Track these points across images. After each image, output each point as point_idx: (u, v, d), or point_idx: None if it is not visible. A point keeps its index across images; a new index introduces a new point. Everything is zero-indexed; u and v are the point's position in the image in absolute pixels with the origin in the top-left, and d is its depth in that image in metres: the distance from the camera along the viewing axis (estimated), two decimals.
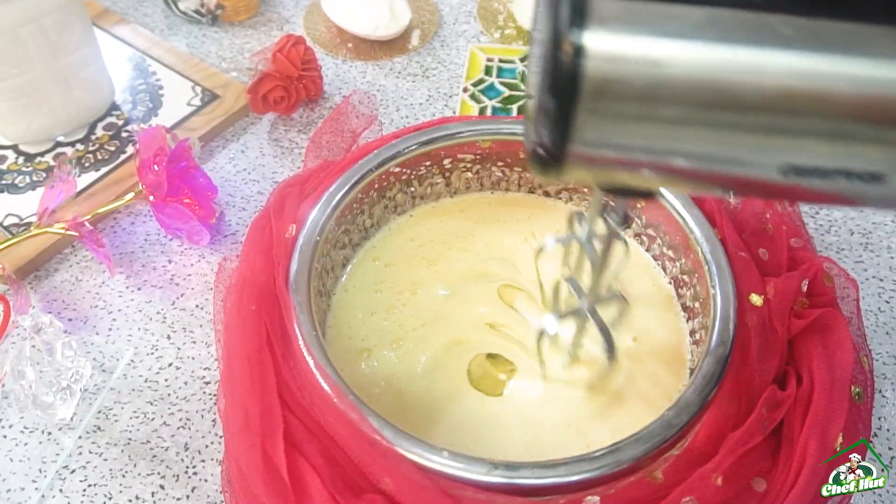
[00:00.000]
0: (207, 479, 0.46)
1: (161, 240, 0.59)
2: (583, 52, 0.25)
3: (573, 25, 0.25)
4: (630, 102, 0.26)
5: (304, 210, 0.50)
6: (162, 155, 0.55)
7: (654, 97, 0.26)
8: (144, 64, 0.73)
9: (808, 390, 0.42)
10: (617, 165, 0.28)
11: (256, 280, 0.46)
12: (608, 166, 0.29)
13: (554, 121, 0.26)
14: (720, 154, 0.28)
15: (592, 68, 0.25)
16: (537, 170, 0.29)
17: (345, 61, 0.75)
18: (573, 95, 0.26)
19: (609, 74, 0.25)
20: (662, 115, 0.26)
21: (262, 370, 0.42)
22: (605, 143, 0.27)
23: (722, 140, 0.27)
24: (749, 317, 0.45)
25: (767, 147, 0.27)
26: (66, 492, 0.46)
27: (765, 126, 0.27)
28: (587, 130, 0.27)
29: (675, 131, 0.27)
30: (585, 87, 0.25)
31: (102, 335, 0.53)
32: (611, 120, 0.26)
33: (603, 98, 0.26)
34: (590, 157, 0.28)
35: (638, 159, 0.28)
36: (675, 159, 0.28)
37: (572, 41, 0.25)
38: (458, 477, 0.38)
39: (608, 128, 0.27)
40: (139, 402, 0.50)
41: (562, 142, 0.27)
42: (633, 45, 0.25)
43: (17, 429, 0.49)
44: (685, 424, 0.40)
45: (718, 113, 0.26)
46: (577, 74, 0.25)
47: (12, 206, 0.60)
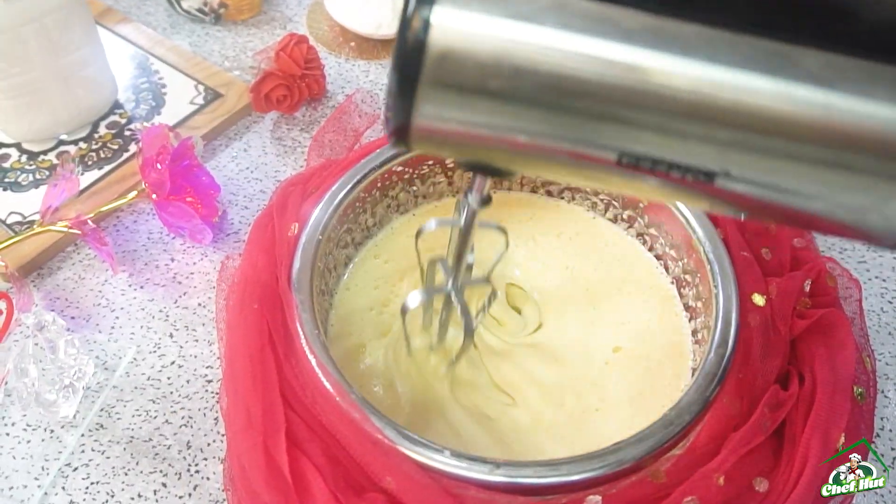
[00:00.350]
0: (209, 478, 0.46)
1: (164, 238, 0.59)
2: (428, 26, 0.26)
3: (423, 2, 0.26)
4: (469, 75, 0.27)
5: (306, 209, 0.50)
6: (165, 153, 0.55)
7: (492, 72, 0.27)
8: (147, 62, 0.73)
9: (811, 390, 0.42)
10: (461, 140, 0.29)
11: (259, 278, 0.46)
12: (452, 141, 0.29)
13: (399, 93, 0.27)
14: (554, 134, 0.28)
15: (436, 40, 0.26)
16: (391, 142, 0.30)
17: (347, 60, 0.75)
18: (416, 68, 0.27)
19: (451, 45, 0.26)
20: (498, 89, 0.27)
21: (264, 369, 0.42)
22: (446, 117, 0.28)
23: (556, 122, 0.28)
24: (751, 316, 0.45)
25: (602, 132, 0.28)
26: (68, 489, 0.46)
27: (597, 113, 0.27)
28: (429, 104, 0.28)
29: (511, 108, 0.28)
30: (427, 59, 0.26)
31: (105, 333, 0.54)
32: (451, 93, 0.27)
33: (443, 70, 0.27)
34: (432, 129, 0.29)
35: (479, 134, 0.29)
36: (511, 134, 0.28)
37: (421, 16, 0.26)
38: (460, 476, 0.38)
39: (448, 101, 0.28)
40: (142, 400, 0.50)
41: (406, 114, 0.28)
42: (478, 21, 0.26)
43: (19, 426, 0.49)
44: (687, 424, 0.40)
45: (551, 95, 0.27)
46: (421, 46, 0.26)
47: (15, 205, 0.60)
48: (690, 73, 0.26)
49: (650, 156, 0.28)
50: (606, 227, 0.56)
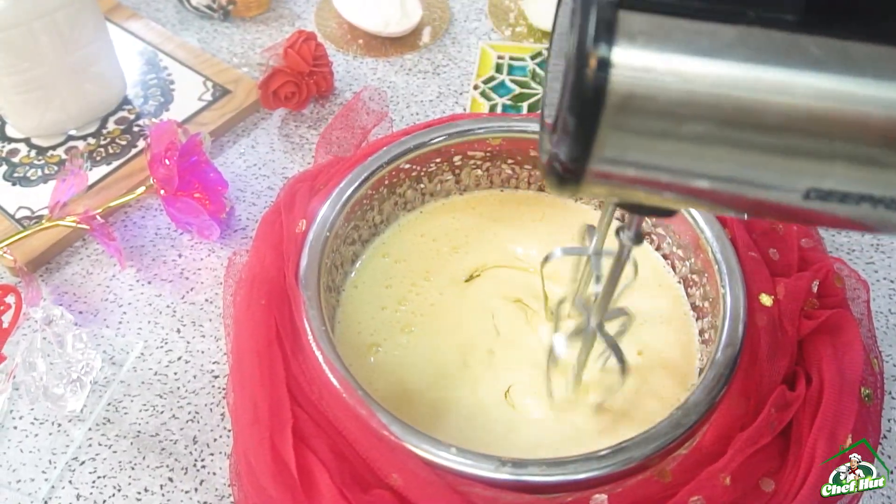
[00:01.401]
0: (216, 473, 0.46)
1: (171, 234, 0.60)
2: (608, 67, 0.24)
3: (600, 40, 0.24)
4: (654, 119, 0.25)
5: (314, 206, 0.50)
6: (173, 149, 0.56)
7: (679, 114, 0.25)
8: (156, 59, 0.73)
9: (818, 391, 0.42)
10: (637, 184, 0.28)
11: (266, 275, 0.46)
12: (627, 184, 0.28)
13: (575, 136, 0.26)
14: (743, 176, 0.27)
15: (617, 83, 0.25)
16: (553, 183, 0.28)
17: (355, 58, 0.75)
18: (596, 111, 0.25)
19: (634, 89, 0.25)
20: (686, 133, 0.26)
21: (271, 365, 0.42)
22: (626, 161, 0.27)
23: (746, 161, 0.26)
24: (759, 317, 0.45)
25: (793, 170, 0.26)
26: (75, 483, 0.46)
27: (791, 148, 0.26)
28: (608, 147, 0.26)
29: (698, 151, 0.26)
30: (609, 103, 0.25)
31: (112, 328, 0.54)
32: (633, 137, 0.26)
33: (626, 114, 0.25)
34: (609, 174, 0.27)
35: (658, 179, 0.27)
36: (696, 180, 0.27)
37: (599, 56, 0.24)
38: (466, 473, 0.38)
39: (630, 145, 0.26)
40: (149, 395, 0.50)
41: (582, 158, 0.26)
42: (660, 60, 0.25)
43: (27, 420, 0.49)
44: (694, 424, 0.40)
45: (744, 133, 0.26)
46: (601, 89, 0.25)
47: (24, 199, 0.61)
48: (886, 97, 0.25)
49: (840, 191, 0.27)
50: (614, 225, 0.56)
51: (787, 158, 0.26)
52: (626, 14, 0.25)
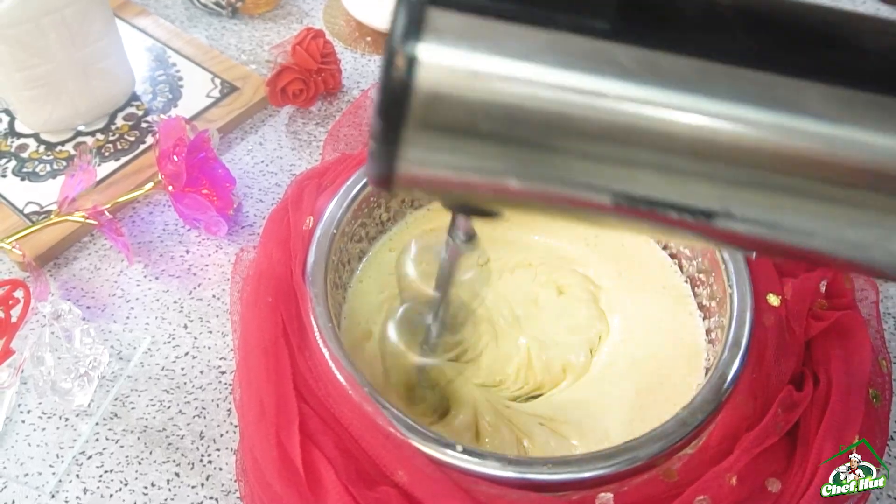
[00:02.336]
0: (222, 468, 0.47)
1: (179, 230, 0.60)
2: (414, 64, 0.24)
3: (408, 37, 0.24)
4: (459, 117, 0.25)
5: (321, 203, 0.50)
6: (181, 145, 0.56)
7: (486, 115, 0.25)
8: (164, 55, 0.73)
9: (825, 392, 0.42)
10: (446, 184, 0.28)
11: (273, 271, 0.47)
12: (438, 185, 0.28)
13: (384, 137, 0.26)
14: (550, 178, 0.27)
15: (423, 80, 0.24)
16: (372, 184, 0.28)
17: (363, 55, 0.75)
18: (402, 109, 0.25)
19: (440, 87, 0.25)
20: (492, 133, 0.26)
21: (278, 361, 0.43)
22: (434, 161, 0.27)
23: (552, 164, 0.26)
24: (766, 317, 0.45)
25: (598, 174, 0.26)
26: (82, 477, 0.46)
27: (596, 154, 0.26)
28: (416, 148, 0.26)
29: (502, 150, 0.26)
30: (415, 100, 0.25)
31: (120, 323, 0.54)
32: (439, 136, 0.26)
33: (432, 112, 0.25)
34: (418, 175, 0.27)
35: (466, 178, 0.27)
36: (503, 179, 0.27)
37: (406, 53, 0.24)
38: (471, 471, 0.38)
39: (437, 145, 0.26)
40: (156, 390, 0.50)
41: (391, 159, 0.26)
42: (468, 60, 0.25)
43: (35, 414, 0.49)
44: (700, 423, 0.40)
45: (550, 137, 0.26)
46: (407, 85, 0.24)
47: (33, 194, 0.61)
48: (689, 108, 0.25)
49: (647, 197, 0.27)
50: None
51: (591, 163, 0.26)
52: (436, 12, 0.25)
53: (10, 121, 0.67)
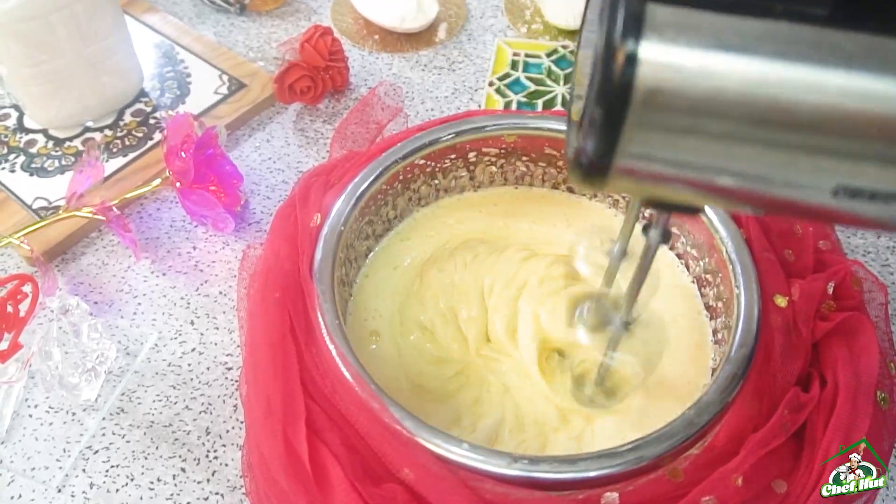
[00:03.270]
0: (228, 464, 0.47)
1: (186, 226, 0.60)
2: (635, 62, 0.24)
3: (628, 34, 0.24)
4: (680, 115, 0.25)
5: (328, 200, 0.50)
6: (189, 142, 0.56)
7: (707, 111, 0.25)
8: (173, 52, 0.73)
9: (832, 394, 0.41)
10: (662, 180, 0.28)
11: (281, 268, 0.47)
12: (653, 180, 0.28)
13: (601, 131, 0.26)
14: (772, 174, 0.27)
15: (644, 78, 0.24)
16: (578, 178, 0.28)
17: (371, 53, 0.75)
18: (623, 106, 0.25)
19: (661, 85, 0.25)
20: (712, 130, 0.25)
21: (285, 357, 0.43)
22: (652, 156, 0.27)
23: (774, 160, 0.26)
24: (773, 318, 0.45)
25: (822, 168, 0.26)
26: (88, 472, 0.47)
27: (821, 147, 0.26)
28: (634, 143, 0.26)
29: (725, 148, 0.26)
30: (636, 98, 0.25)
31: (127, 319, 0.54)
32: (660, 133, 0.26)
33: (653, 109, 0.25)
34: (635, 169, 0.27)
35: (684, 175, 0.27)
36: (723, 178, 0.27)
37: (627, 51, 0.24)
38: (477, 469, 0.38)
39: (656, 141, 0.26)
40: (162, 385, 0.50)
41: (608, 153, 0.26)
42: (687, 56, 0.24)
43: (42, 408, 0.50)
44: (706, 424, 0.40)
45: (772, 131, 0.25)
46: (628, 85, 0.24)
47: (41, 190, 0.61)
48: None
49: (872, 189, 0.26)
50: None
51: (816, 157, 0.26)
52: (654, 7, 0.24)
53: (19, 116, 0.67)
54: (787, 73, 0.25)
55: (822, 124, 0.25)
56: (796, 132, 0.25)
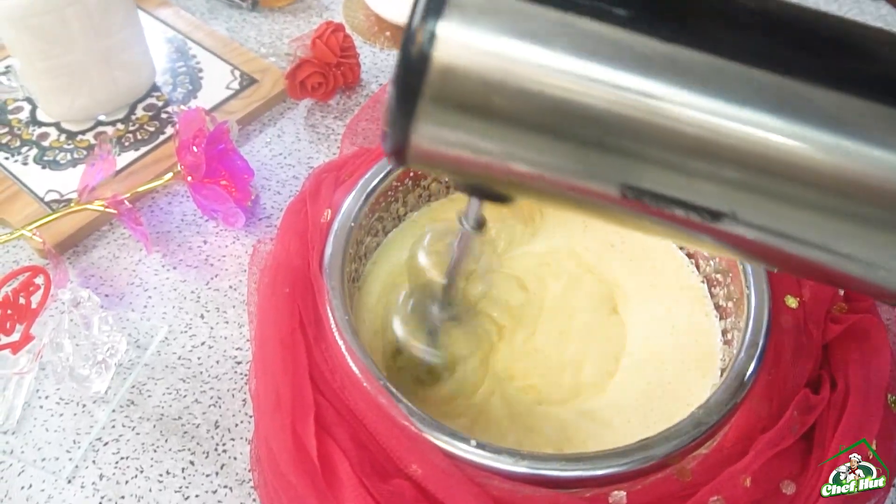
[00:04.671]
0: (237, 458, 0.47)
1: (197, 220, 0.60)
2: (434, 39, 0.25)
3: (430, 13, 0.25)
4: (473, 96, 0.26)
5: (339, 196, 0.51)
6: (201, 136, 0.56)
7: (498, 94, 0.25)
8: (185, 47, 0.74)
9: (843, 395, 0.41)
10: (456, 161, 0.28)
11: (291, 263, 0.47)
12: (449, 162, 0.28)
13: (398, 107, 0.26)
14: (558, 164, 0.27)
15: (440, 56, 0.25)
16: (387, 157, 0.29)
17: (382, 50, 0.75)
18: (419, 82, 0.25)
19: (456, 63, 0.25)
20: (504, 114, 0.26)
21: (294, 352, 0.43)
22: (446, 136, 0.27)
23: (560, 150, 0.26)
24: (783, 319, 0.44)
25: (605, 164, 0.26)
26: (98, 463, 0.47)
27: (604, 143, 0.26)
28: (429, 121, 0.26)
29: (517, 134, 0.26)
30: (431, 75, 0.25)
31: (138, 312, 0.54)
32: (453, 113, 0.26)
33: (447, 88, 0.26)
34: (430, 149, 0.28)
35: (478, 159, 0.28)
36: (514, 164, 0.27)
37: (427, 28, 0.25)
38: (485, 466, 0.38)
39: (449, 120, 0.26)
40: (172, 378, 0.51)
41: (405, 130, 0.27)
42: (485, 39, 0.25)
43: (52, 400, 0.50)
44: (715, 423, 0.40)
45: (562, 121, 0.26)
46: (425, 61, 0.25)
47: (53, 183, 0.62)
48: (702, 106, 0.25)
49: (655, 191, 0.26)
50: None
51: (599, 152, 0.26)
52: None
53: (32, 109, 0.67)
54: (578, 68, 0.25)
55: (605, 122, 0.25)
56: (580, 127, 0.26)
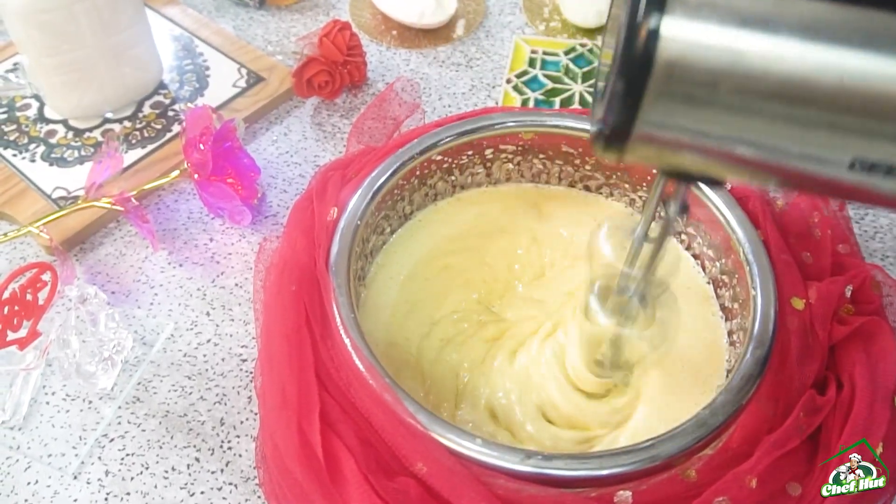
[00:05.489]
0: (242, 455, 0.47)
1: (203, 218, 0.60)
2: (657, 37, 0.25)
3: (651, 10, 0.25)
4: (699, 87, 0.26)
5: (345, 194, 0.51)
6: (208, 134, 0.56)
7: (725, 84, 0.26)
8: (192, 44, 0.74)
9: (849, 397, 0.41)
10: (680, 148, 0.29)
11: (297, 260, 0.47)
12: (671, 148, 0.29)
13: (623, 100, 0.27)
14: (787, 147, 0.27)
15: (665, 51, 0.26)
16: (601, 146, 0.29)
17: (389, 48, 0.76)
18: (644, 78, 0.26)
19: (681, 58, 0.26)
20: (731, 102, 0.26)
21: (300, 350, 0.43)
22: (671, 125, 0.28)
23: (789, 133, 0.27)
24: (789, 320, 0.44)
25: (836, 143, 0.27)
26: (104, 459, 0.47)
27: (835, 123, 0.26)
28: (654, 112, 0.27)
29: (744, 120, 0.27)
30: (657, 71, 0.26)
31: (144, 309, 0.55)
32: (679, 103, 0.27)
33: (672, 82, 0.26)
34: (653, 137, 0.28)
35: (702, 144, 0.28)
36: (740, 148, 0.28)
37: (649, 26, 0.25)
38: (490, 464, 0.38)
39: (675, 111, 0.27)
40: (178, 375, 0.51)
41: (628, 121, 0.27)
42: (708, 31, 0.25)
43: (59, 396, 0.50)
44: (720, 424, 0.40)
45: (790, 106, 0.26)
46: (650, 58, 0.26)
47: (61, 179, 0.62)
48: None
49: (886, 162, 0.27)
50: None
51: (832, 132, 0.26)
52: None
53: (40, 107, 0.68)
54: (805, 51, 0.25)
55: (838, 101, 0.26)
56: (813, 107, 0.26)
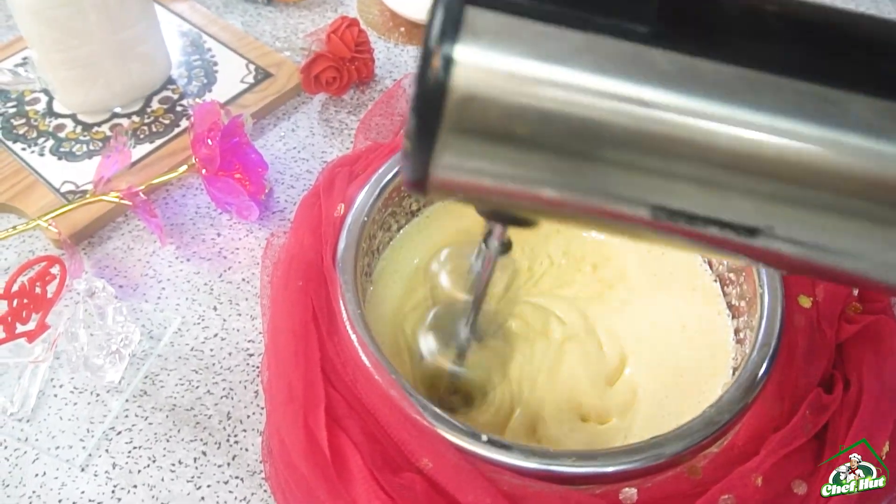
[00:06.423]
0: (248, 449, 0.47)
1: (211, 213, 0.60)
2: (451, 63, 0.24)
3: (445, 37, 0.24)
4: (496, 121, 0.24)
5: (352, 190, 0.51)
6: (216, 130, 0.56)
7: (522, 120, 0.24)
8: (200, 40, 0.74)
9: (856, 396, 0.41)
10: (480, 190, 0.27)
11: (304, 256, 0.47)
12: (472, 191, 0.27)
13: (418, 140, 0.25)
14: (587, 188, 0.26)
15: (459, 81, 0.24)
16: (406, 186, 0.28)
17: (397, 45, 0.76)
18: (438, 110, 0.24)
19: (476, 89, 0.24)
20: (526, 137, 0.25)
21: (306, 345, 0.43)
22: (468, 166, 0.26)
23: (588, 172, 0.25)
24: (796, 318, 0.44)
25: (635, 185, 0.25)
26: (111, 452, 0.47)
27: (633, 163, 0.25)
28: (450, 152, 0.25)
29: (537, 157, 0.25)
30: (451, 102, 0.24)
31: (151, 303, 0.55)
32: (476, 141, 0.25)
33: (468, 115, 0.24)
34: (452, 180, 0.26)
35: (501, 186, 0.26)
36: (538, 187, 0.26)
37: (442, 53, 0.24)
38: (496, 461, 0.38)
39: (471, 149, 0.25)
40: (185, 369, 0.51)
41: (425, 163, 0.26)
42: (505, 62, 0.24)
43: (67, 389, 0.50)
44: (726, 422, 0.40)
45: (589, 144, 0.25)
46: (443, 87, 0.24)
47: (69, 174, 0.62)
48: (733, 119, 0.24)
49: (687, 211, 0.26)
50: None
51: (628, 173, 0.25)
52: (474, 11, 0.24)
53: (49, 101, 0.68)
54: (603, 87, 0.24)
55: (632, 142, 0.24)
56: (609, 148, 0.25)
